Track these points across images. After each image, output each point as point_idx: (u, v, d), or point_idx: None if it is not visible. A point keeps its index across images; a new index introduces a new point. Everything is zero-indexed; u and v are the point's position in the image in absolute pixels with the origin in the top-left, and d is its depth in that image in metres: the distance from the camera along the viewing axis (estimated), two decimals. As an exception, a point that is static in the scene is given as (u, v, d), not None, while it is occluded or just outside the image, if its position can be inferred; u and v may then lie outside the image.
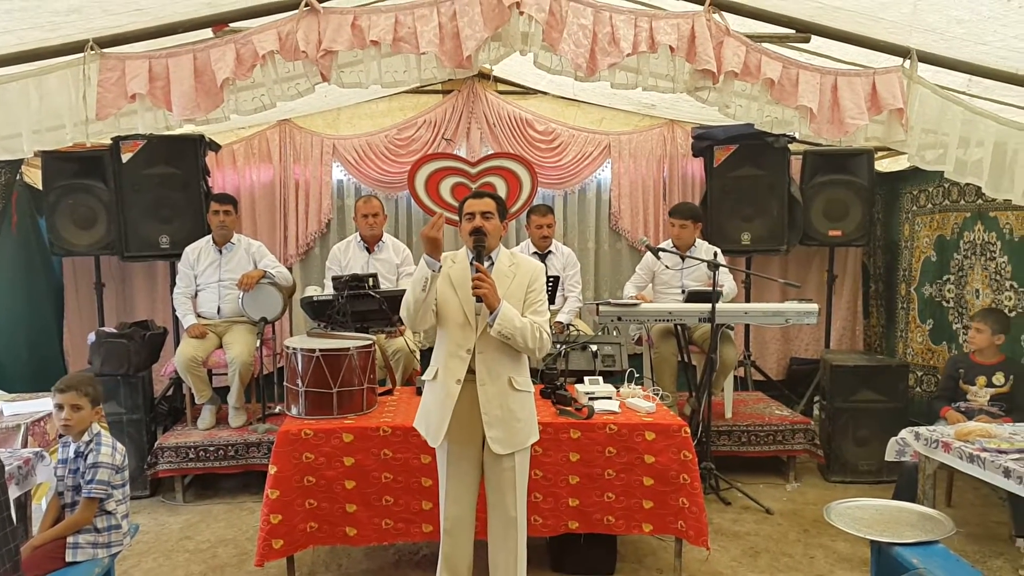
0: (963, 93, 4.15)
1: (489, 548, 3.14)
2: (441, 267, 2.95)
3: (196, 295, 5.37)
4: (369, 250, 5.54)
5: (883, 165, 6.26)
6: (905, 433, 3.92)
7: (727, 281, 5.35)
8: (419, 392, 4.15)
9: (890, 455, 4.03)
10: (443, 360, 3.05)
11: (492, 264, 3.05)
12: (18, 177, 5.59)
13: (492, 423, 3.00)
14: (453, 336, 3.03)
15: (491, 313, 2.90)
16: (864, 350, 6.64)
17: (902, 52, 3.90)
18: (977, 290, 5.36)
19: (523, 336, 2.93)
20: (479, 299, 2.89)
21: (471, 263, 2.97)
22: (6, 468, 3.08)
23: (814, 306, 4.83)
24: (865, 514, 3.21)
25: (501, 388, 3.01)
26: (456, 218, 3.29)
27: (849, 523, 3.09)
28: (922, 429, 3.83)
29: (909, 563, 2.85)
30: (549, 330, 3.07)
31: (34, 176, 5.74)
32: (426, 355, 5.34)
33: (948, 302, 5.70)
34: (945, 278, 5.73)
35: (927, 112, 3.93)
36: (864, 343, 6.77)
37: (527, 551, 3.17)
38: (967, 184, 4.72)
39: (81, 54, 3.64)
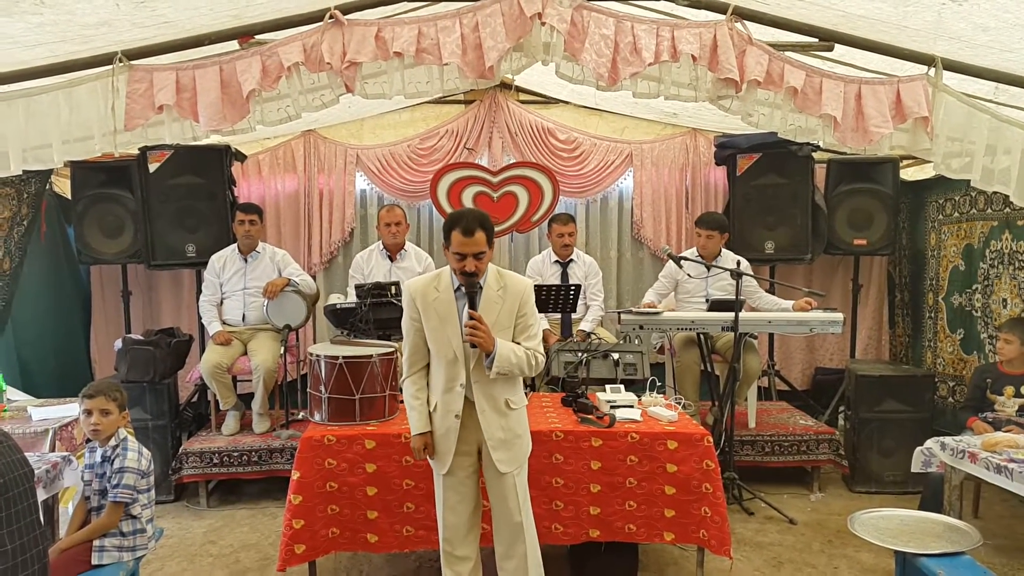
0: (990, 101, 4.11)
1: (497, 556, 3.14)
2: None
3: (221, 303, 5.44)
4: (391, 258, 5.58)
5: (908, 173, 6.20)
6: (931, 443, 3.88)
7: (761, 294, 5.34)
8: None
9: (916, 466, 3.98)
10: (440, 395, 3.06)
11: (480, 290, 2.99)
12: (47, 187, 5.70)
13: (497, 446, 3.03)
14: (446, 371, 3.03)
15: (487, 356, 2.92)
16: (890, 360, 6.57)
17: (927, 60, 3.88)
18: (1004, 299, 5.29)
19: (520, 368, 2.98)
20: (474, 345, 2.91)
21: (460, 286, 2.98)
22: (34, 472, 3.14)
23: (839, 315, 4.79)
24: (890, 525, 3.18)
25: (500, 411, 3.04)
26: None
27: (874, 534, 3.07)
28: (948, 439, 3.79)
29: (934, 575, 2.82)
30: (543, 351, 3.09)
31: (63, 186, 5.84)
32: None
33: (976, 312, 5.63)
34: (973, 287, 5.67)
35: (953, 120, 3.90)
36: (890, 353, 6.70)
37: (548, 560, 3.17)
38: (994, 193, 4.66)
39: (110, 66, 3.71)
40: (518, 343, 3.02)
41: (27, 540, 2.34)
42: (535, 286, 3.57)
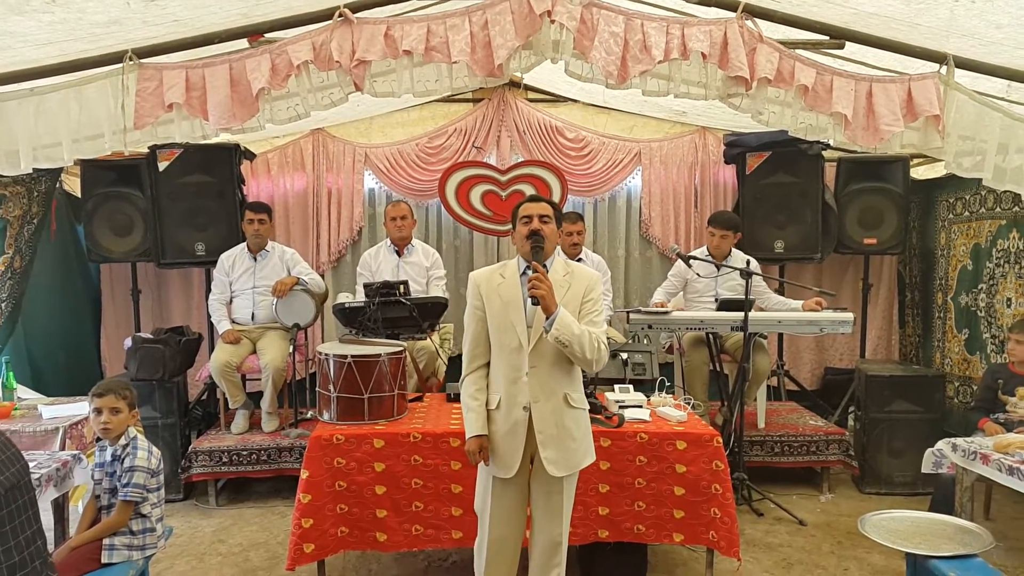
0: (1002, 99, 4.08)
1: (531, 566, 3.09)
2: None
3: (231, 301, 5.45)
4: (399, 253, 5.58)
5: (919, 172, 6.16)
6: (942, 444, 3.86)
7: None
8: (450, 399, 4.17)
9: (926, 467, 3.96)
10: (504, 387, 2.91)
11: (547, 272, 2.87)
12: (58, 185, 5.71)
13: (546, 442, 2.86)
14: (509, 360, 2.90)
15: (547, 318, 2.76)
16: (900, 360, 6.54)
17: (939, 58, 3.85)
18: (1008, 299, 5.26)
19: (580, 345, 2.77)
20: (535, 301, 2.76)
21: (525, 270, 2.87)
22: (45, 471, 3.16)
23: (849, 315, 4.76)
24: (901, 526, 3.16)
25: (556, 405, 2.89)
26: (482, 225, 3.26)
27: (884, 535, 3.05)
28: (959, 440, 3.76)
29: (946, 577, 2.80)
30: (607, 342, 2.92)
31: (73, 184, 5.86)
32: (454, 362, 5.37)
33: (980, 311, 5.60)
34: (979, 287, 5.64)
35: (964, 118, 3.87)
36: (900, 353, 6.66)
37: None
38: (1003, 191, 4.63)
39: (120, 64, 3.72)
40: None
41: (23, 539, 2.26)
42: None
